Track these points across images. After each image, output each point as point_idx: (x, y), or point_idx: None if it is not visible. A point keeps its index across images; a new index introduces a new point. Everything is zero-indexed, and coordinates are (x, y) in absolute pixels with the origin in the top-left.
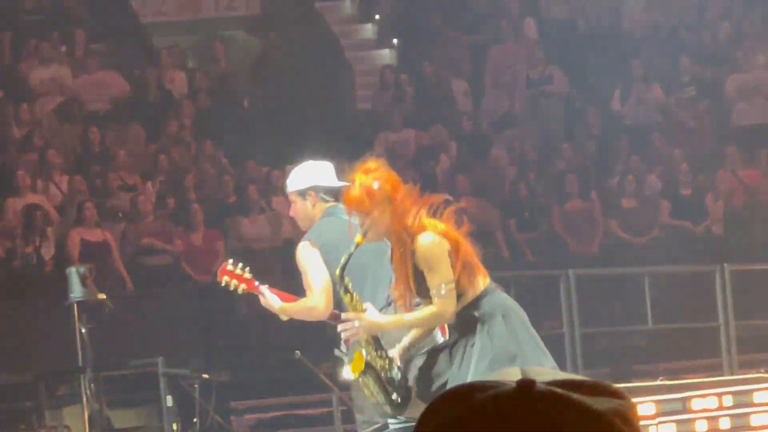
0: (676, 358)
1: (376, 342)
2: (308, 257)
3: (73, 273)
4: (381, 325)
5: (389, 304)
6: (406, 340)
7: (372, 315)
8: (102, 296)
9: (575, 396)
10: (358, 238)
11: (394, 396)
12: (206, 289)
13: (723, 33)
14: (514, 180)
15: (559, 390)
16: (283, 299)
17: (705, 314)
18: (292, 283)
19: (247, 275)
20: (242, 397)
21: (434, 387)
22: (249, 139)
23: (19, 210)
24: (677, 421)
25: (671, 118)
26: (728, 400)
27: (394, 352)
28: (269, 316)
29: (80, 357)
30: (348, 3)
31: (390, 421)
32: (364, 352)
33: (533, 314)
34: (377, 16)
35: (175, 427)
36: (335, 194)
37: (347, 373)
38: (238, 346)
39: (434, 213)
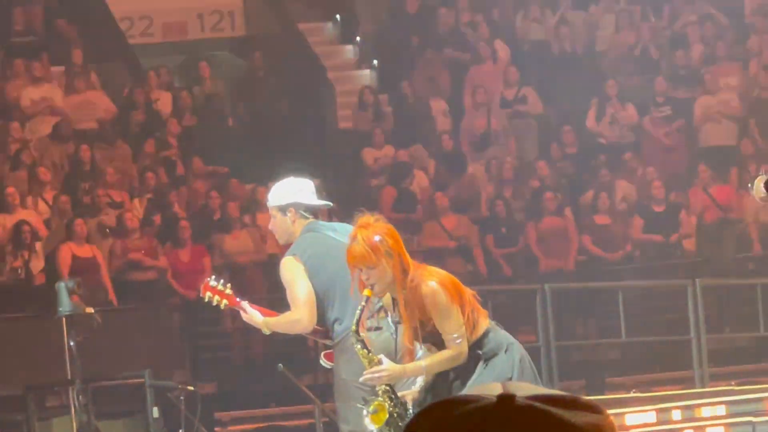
0: (649, 370)
1: (393, 391)
2: (292, 272)
3: (62, 287)
4: (403, 371)
5: (378, 329)
6: (419, 384)
7: (394, 364)
8: (90, 310)
9: (554, 410)
10: (366, 291)
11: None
12: (192, 304)
13: (696, 55)
14: (491, 197)
15: (538, 404)
16: (263, 314)
17: (677, 328)
18: (276, 297)
19: (228, 291)
20: (226, 408)
21: None
22: (233, 156)
23: (8, 226)
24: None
25: (645, 137)
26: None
27: (408, 397)
28: (252, 330)
29: (69, 369)
30: (330, 25)
31: (375, 430)
32: (386, 404)
33: (510, 327)
34: (358, 38)
35: None
36: (314, 211)
37: (370, 424)
38: (223, 358)
39: None
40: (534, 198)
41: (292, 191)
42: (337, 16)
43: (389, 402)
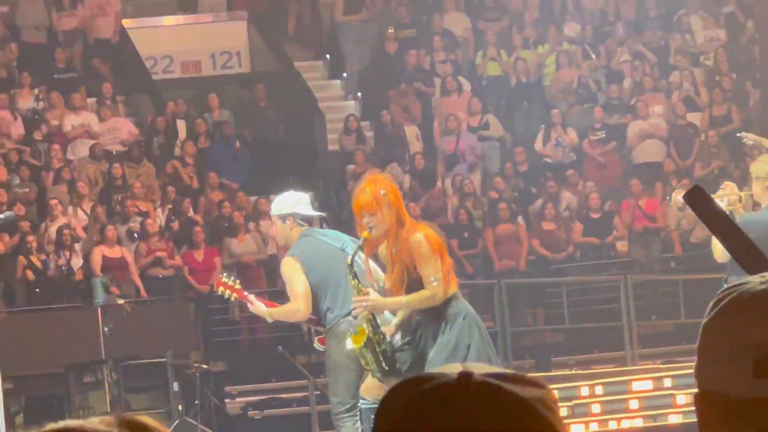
0: (588, 352)
1: (375, 321)
2: (291, 270)
3: (97, 283)
4: (385, 303)
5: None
6: (395, 320)
7: (378, 296)
8: (121, 301)
9: (506, 385)
10: (365, 233)
11: (383, 365)
12: (205, 296)
13: (627, 87)
14: (455, 207)
15: (492, 380)
16: (266, 305)
17: (611, 316)
18: (275, 290)
19: (238, 286)
20: (235, 383)
21: (404, 367)
22: (240, 173)
23: (52, 231)
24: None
25: (584, 157)
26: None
27: (385, 330)
28: (256, 318)
29: (103, 351)
30: (321, 63)
31: (361, 401)
32: (367, 330)
33: None
34: (344, 74)
35: (180, 407)
36: (309, 220)
37: (349, 344)
38: (231, 341)
39: None
40: (491, 208)
41: (291, 203)
42: (327, 56)
43: (370, 329)
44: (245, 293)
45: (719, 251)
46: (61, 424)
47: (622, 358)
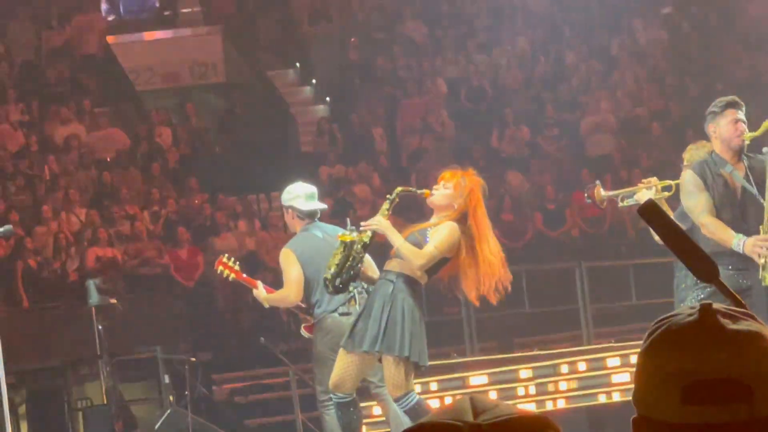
0: (546, 332)
1: (365, 247)
2: (288, 260)
3: (91, 284)
4: (388, 229)
5: (347, 314)
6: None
7: (387, 222)
8: (113, 301)
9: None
10: (426, 192)
11: (338, 281)
12: (190, 291)
13: (576, 85)
14: (420, 201)
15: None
16: (267, 291)
17: (568, 299)
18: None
19: (237, 267)
20: (221, 371)
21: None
22: (219, 176)
23: (46, 236)
24: (547, 383)
25: (539, 151)
26: (584, 366)
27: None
28: (240, 310)
29: (98, 346)
30: (292, 71)
31: (334, 397)
32: (356, 239)
33: (438, 303)
34: (314, 81)
35: (171, 398)
36: (310, 214)
37: (356, 244)
38: (217, 333)
39: None
40: None
41: (290, 196)
42: (297, 64)
43: (361, 242)
44: (243, 275)
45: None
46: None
47: (578, 336)
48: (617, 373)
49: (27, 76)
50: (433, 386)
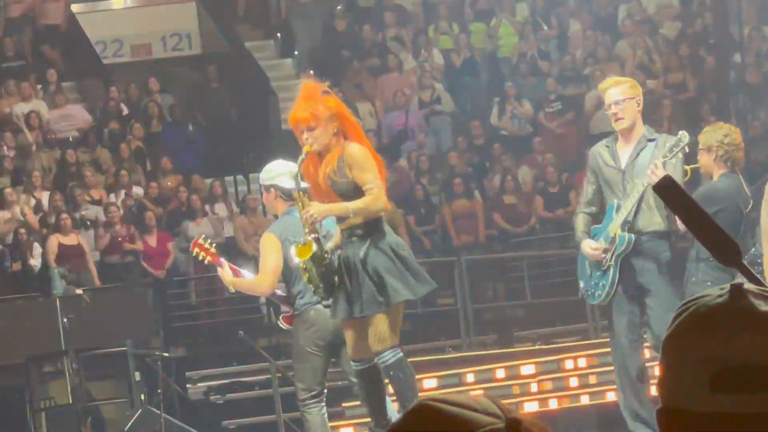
0: (549, 325)
1: (319, 242)
2: (268, 245)
3: (55, 273)
4: (330, 209)
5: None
6: (330, 244)
7: (320, 204)
8: (79, 291)
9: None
10: (306, 147)
11: (327, 282)
12: (162, 281)
13: (580, 58)
14: (411, 183)
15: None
16: (235, 274)
17: (571, 289)
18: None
19: (213, 250)
20: (196, 368)
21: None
22: (194, 156)
23: (7, 222)
24: (553, 379)
25: (540, 129)
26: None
27: (328, 246)
28: (216, 302)
29: (63, 341)
30: (272, 42)
31: (354, 364)
32: (312, 245)
33: (432, 294)
34: (296, 53)
35: (142, 397)
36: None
37: (295, 257)
38: (191, 326)
39: None
40: (446, 183)
41: (273, 174)
42: (278, 35)
43: (315, 245)
44: (221, 260)
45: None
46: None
47: (584, 330)
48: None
49: None
50: (427, 383)
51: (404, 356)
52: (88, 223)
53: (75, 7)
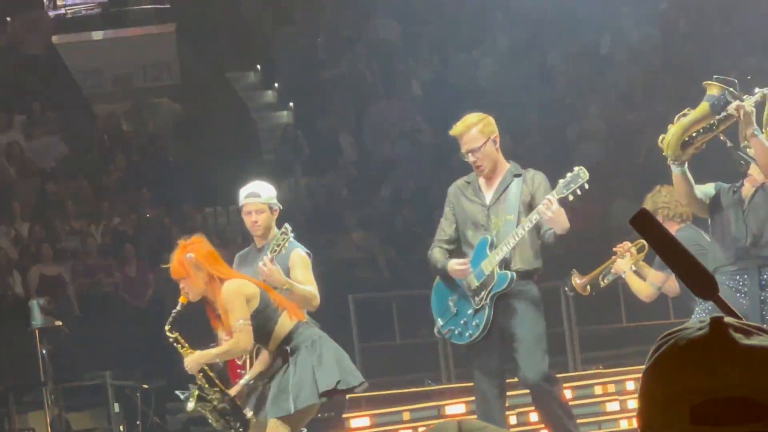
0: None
1: (210, 380)
2: (306, 265)
3: (35, 305)
4: (195, 358)
5: None
6: (246, 378)
7: (192, 355)
8: (58, 323)
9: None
10: (182, 298)
11: (233, 424)
12: (144, 313)
13: (563, 89)
14: (393, 215)
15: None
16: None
17: (552, 321)
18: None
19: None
20: (175, 399)
21: (262, 410)
22: (174, 187)
23: None
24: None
25: (520, 160)
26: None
27: (232, 391)
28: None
29: (42, 372)
30: (252, 73)
31: None
32: (197, 389)
33: (411, 326)
34: (276, 84)
35: (122, 428)
36: None
37: (188, 406)
38: (171, 358)
39: None
40: (428, 214)
41: (274, 194)
42: (258, 66)
43: (207, 388)
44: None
45: (642, 290)
46: None
47: (564, 362)
48: (608, 402)
49: None
50: (406, 416)
51: None
52: (68, 254)
53: (56, 39)
